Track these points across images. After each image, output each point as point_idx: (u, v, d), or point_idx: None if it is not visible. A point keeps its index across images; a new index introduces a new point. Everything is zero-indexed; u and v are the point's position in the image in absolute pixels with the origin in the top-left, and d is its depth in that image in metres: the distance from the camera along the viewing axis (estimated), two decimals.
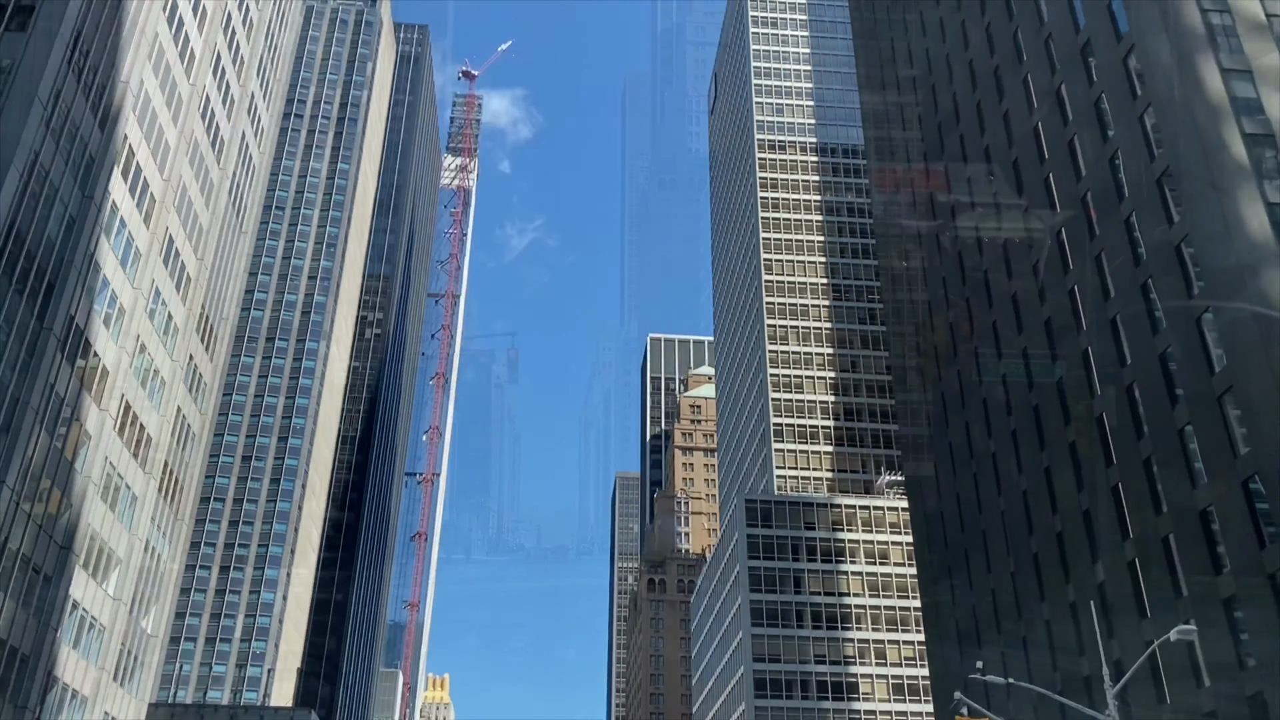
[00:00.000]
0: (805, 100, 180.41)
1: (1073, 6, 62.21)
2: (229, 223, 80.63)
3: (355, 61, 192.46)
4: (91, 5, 54.86)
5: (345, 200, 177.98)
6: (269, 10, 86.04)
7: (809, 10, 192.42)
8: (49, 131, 51.24)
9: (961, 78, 78.55)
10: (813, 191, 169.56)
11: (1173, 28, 52.84)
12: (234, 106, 78.96)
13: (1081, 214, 59.41)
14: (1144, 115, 54.04)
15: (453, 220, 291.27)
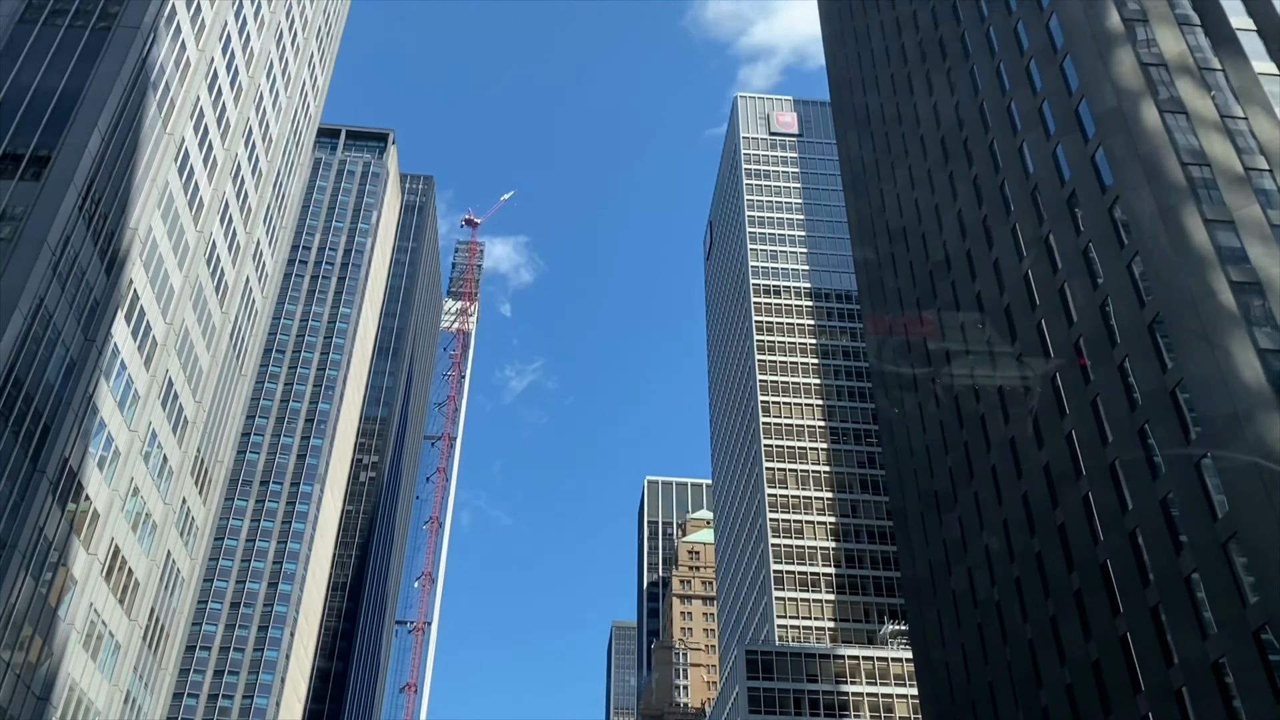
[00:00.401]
0: (799, 247, 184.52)
1: (1057, 159, 64.26)
2: (229, 366, 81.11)
3: (361, 210, 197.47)
4: (106, 155, 56.56)
5: (345, 344, 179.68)
6: (278, 161, 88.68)
7: (800, 163, 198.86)
8: (55, 276, 52.06)
9: (951, 227, 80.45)
10: (808, 335, 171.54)
11: (1155, 180, 54.49)
12: (239, 252, 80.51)
13: (1075, 360, 59.91)
14: (1132, 263, 55.13)
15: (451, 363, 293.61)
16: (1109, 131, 58.40)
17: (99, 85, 56.51)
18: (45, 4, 60.14)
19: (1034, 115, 67.79)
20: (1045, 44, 67.45)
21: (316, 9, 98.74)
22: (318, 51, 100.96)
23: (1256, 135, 55.94)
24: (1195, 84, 58.37)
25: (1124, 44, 60.38)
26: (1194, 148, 55.41)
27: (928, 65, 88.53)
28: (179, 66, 65.56)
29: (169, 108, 64.31)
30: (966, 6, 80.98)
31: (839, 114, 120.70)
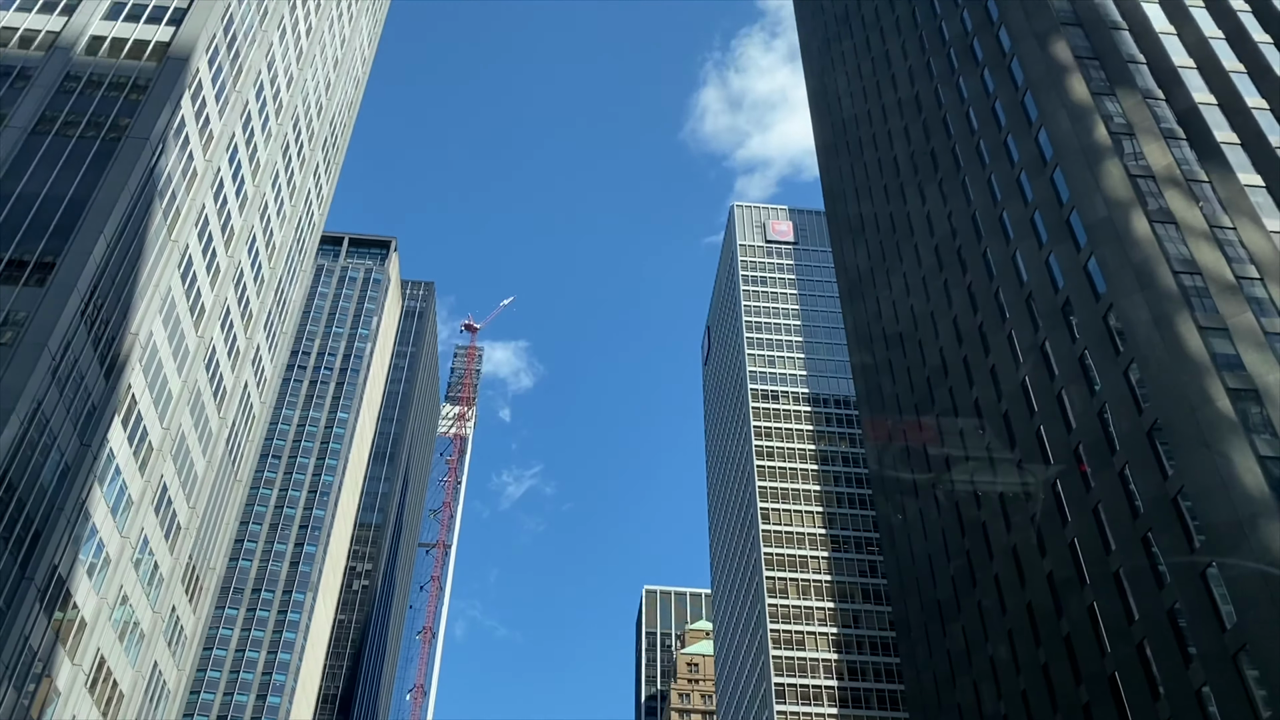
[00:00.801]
0: (796, 353, 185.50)
1: (1051, 268, 65.09)
2: (224, 471, 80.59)
3: (361, 315, 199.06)
4: (110, 261, 57.23)
5: (342, 449, 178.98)
6: (281, 268, 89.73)
7: (797, 270, 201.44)
8: (55, 380, 52.13)
9: (947, 334, 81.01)
10: (807, 441, 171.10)
11: (1148, 288, 55.12)
12: (239, 358, 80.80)
13: (1075, 466, 59.64)
14: (1128, 370, 55.36)
15: (448, 468, 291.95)
16: (1101, 241, 59.31)
17: (106, 193, 57.53)
18: (58, 116, 61.67)
19: (1026, 225, 68.92)
20: (1035, 156, 69.00)
21: (323, 121, 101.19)
22: (323, 162, 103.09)
23: (1246, 245, 56.83)
24: (1183, 195, 59.54)
25: (1112, 156, 61.80)
26: (1185, 257, 56.21)
27: (920, 176, 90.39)
28: (186, 176, 66.85)
29: (174, 215, 65.35)
30: (956, 120, 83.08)
31: (834, 223, 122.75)
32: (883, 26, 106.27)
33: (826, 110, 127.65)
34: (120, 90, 63.78)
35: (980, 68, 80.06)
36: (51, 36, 66.32)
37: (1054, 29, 70.87)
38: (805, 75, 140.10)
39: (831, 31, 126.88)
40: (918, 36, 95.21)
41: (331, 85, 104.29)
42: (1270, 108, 64.43)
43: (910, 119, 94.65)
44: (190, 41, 67.05)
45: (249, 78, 77.44)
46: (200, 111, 68.38)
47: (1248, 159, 61.65)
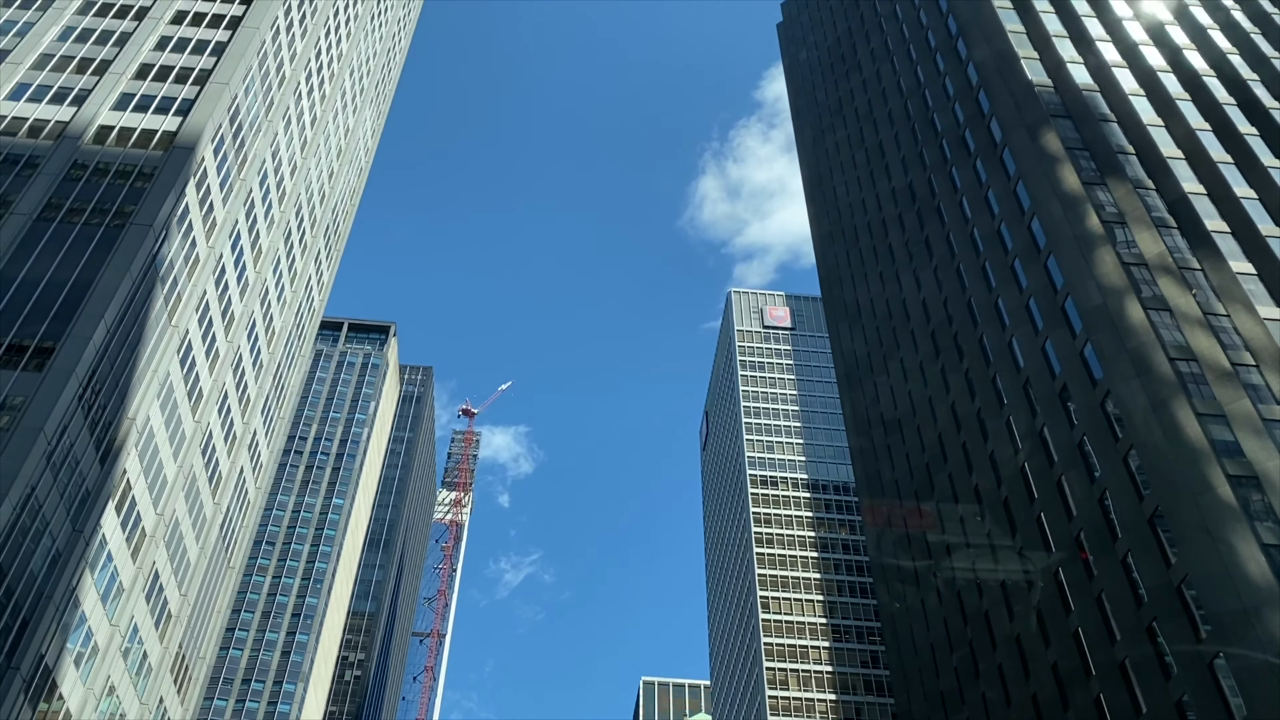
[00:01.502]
0: (795, 439, 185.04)
1: (1047, 354, 65.37)
2: (217, 558, 79.66)
3: (359, 400, 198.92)
4: (110, 346, 57.40)
5: (337, 536, 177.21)
6: (280, 353, 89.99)
7: (794, 356, 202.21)
8: (49, 465, 51.83)
9: (945, 419, 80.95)
10: (807, 528, 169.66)
11: (1144, 374, 55.28)
12: (235, 443, 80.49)
13: (1077, 554, 59.07)
14: (1127, 456, 55.19)
15: (443, 555, 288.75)
16: (1096, 328, 59.67)
17: (108, 279, 57.99)
18: (64, 202, 62.51)
19: (1021, 311, 69.43)
20: (1028, 244, 69.83)
21: (325, 208, 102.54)
22: (324, 248, 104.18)
23: (1240, 331, 57.18)
24: (1176, 282, 60.11)
25: (1104, 244, 62.56)
26: (1180, 343, 56.51)
27: (915, 263, 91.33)
28: (188, 262, 67.48)
29: (175, 301, 65.77)
30: (950, 208, 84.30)
31: (830, 309, 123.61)
32: (876, 118, 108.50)
33: (822, 198, 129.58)
34: (126, 178, 64.77)
35: (972, 158, 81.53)
36: (60, 126, 67.60)
37: (1044, 121, 72.37)
38: (800, 165, 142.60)
39: (825, 123, 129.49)
40: (910, 128, 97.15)
41: (334, 173, 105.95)
42: (1259, 197, 65.47)
43: (904, 207, 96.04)
44: (196, 131, 68.31)
45: (253, 166, 78.69)
46: (204, 199, 69.33)
47: (1238, 247, 62.44)
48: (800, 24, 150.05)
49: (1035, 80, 76.37)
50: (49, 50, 73.94)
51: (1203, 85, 74.69)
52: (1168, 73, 77.06)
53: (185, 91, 72.17)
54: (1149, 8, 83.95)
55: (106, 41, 75.65)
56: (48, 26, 75.67)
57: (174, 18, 79.14)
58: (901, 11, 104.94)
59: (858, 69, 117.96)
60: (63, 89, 70.73)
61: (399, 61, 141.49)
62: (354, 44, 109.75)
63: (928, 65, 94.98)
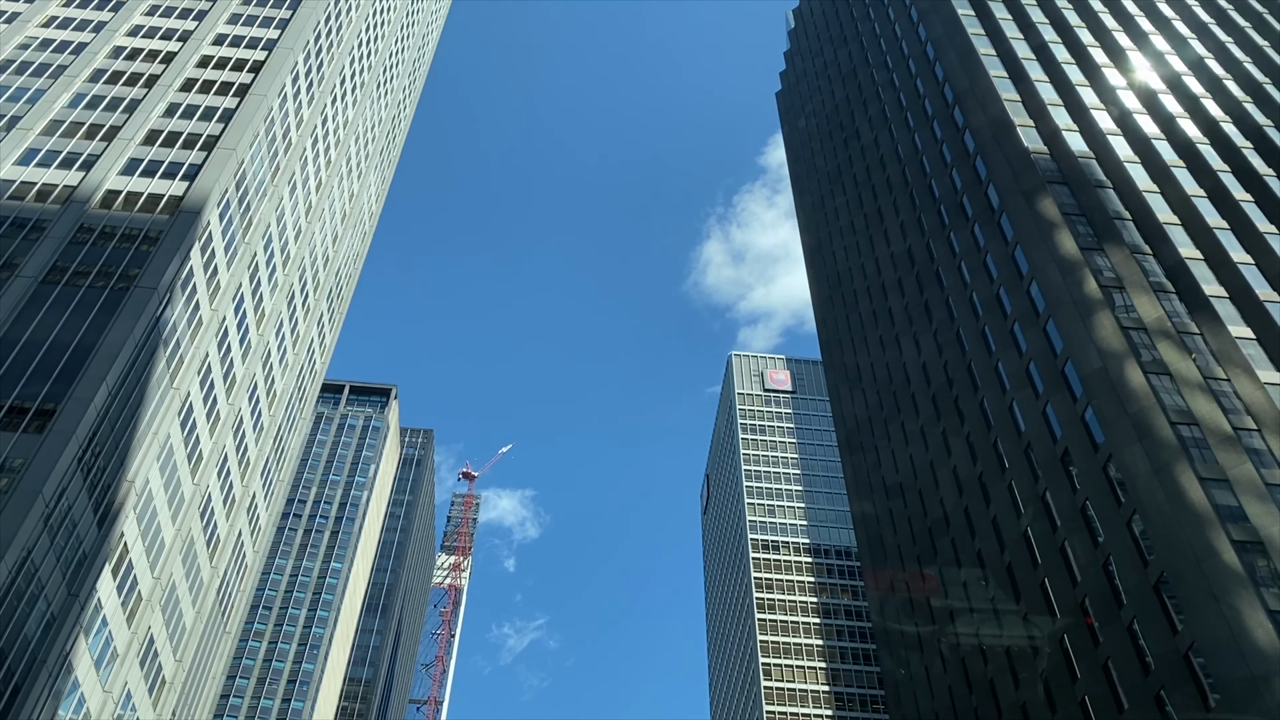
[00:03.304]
0: (796, 503, 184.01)
1: (1048, 418, 65.30)
2: (213, 623, 78.80)
3: (359, 464, 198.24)
4: (110, 409, 57.42)
5: (334, 600, 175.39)
6: (281, 416, 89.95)
7: (795, 419, 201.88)
8: (46, 529, 51.53)
9: (947, 484, 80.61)
10: (808, 594, 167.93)
11: (1146, 439, 55.16)
12: (234, 506, 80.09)
13: (1082, 620, 58.41)
14: (1131, 521, 54.86)
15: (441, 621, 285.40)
16: (1096, 392, 59.71)
17: (111, 341, 58.21)
18: (69, 265, 62.99)
19: (1022, 375, 69.52)
20: (1027, 309, 70.16)
21: (329, 272, 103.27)
22: (327, 311, 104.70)
23: (1241, 396, 57.18)
24: (1176, 347, 60.28)
25: (1103, 309, 62.86)
26: (1181, 407, 56.48)
27: (915, 328, 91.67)
28: (191, 325, 67.79)
29: (177, 363, 65.94)
30: (949, 273, 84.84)
31: (831, 373, 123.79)
32: (874, 184, 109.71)
33: (822, 263, 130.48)
34: (132, 241, 65.36)
35: (970, 223, 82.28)
36: (68, 190, 68.41)
37: (1041, 187, 73.18)
38: (800, 230, 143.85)
39: (825, 189, 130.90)
40: (908, 193, 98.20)
41: (339, 237, 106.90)
42: (1255, 262, 65.93)
43: (904, 272, 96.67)
44: (203, 195, 69.10)
45: (258, 230, 79.44)
46: (209, 262, 69.88)
47: (1237, 312, 62.72)
48: (798, 93, 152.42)
49: (1031, 147, 77.39)
50: (59, 116, 75.13)
51: (1197, 152, 75.66)
52: (1161, 140, 78.12)
53: (192, 157, 73.14)
54: (1142, 77, 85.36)
55: (116, 108, 76.90)
56: (59, 93, 76.98)
57: (183, 85, 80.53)
58: (898, 80, 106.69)
59: (855, 136, 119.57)
60: (72, 154, 71.71)
61: (404, 128, 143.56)
62: (360, 111, 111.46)
63: (925, 132, 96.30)
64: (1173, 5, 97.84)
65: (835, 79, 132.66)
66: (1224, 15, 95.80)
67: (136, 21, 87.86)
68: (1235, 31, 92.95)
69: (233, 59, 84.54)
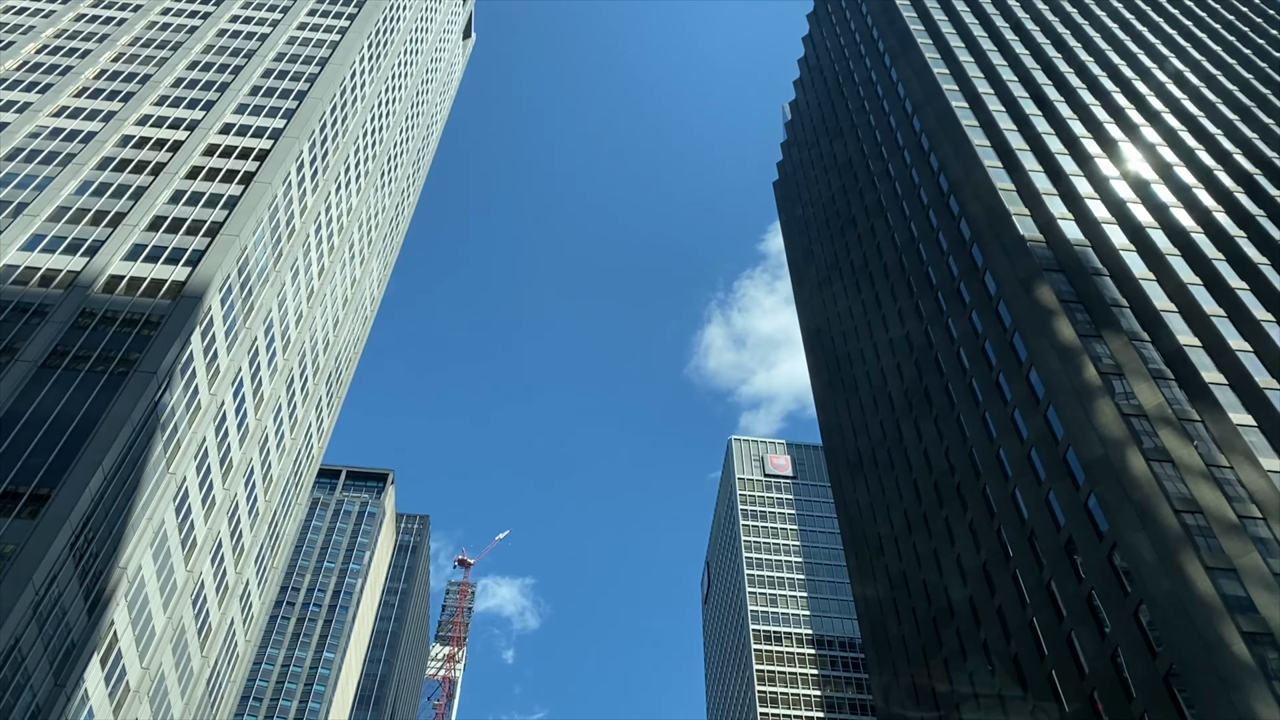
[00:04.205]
0: (798, 591, 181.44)
1: (1051, 506, 64.71)
2: (203, 715, 76.92)
3: (354, 550, 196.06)
4: (105, 494, 56.91)
5: (326, 691, 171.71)
6: (277, 501, 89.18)
7: (796, 505, 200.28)
8: (35, 616, 50.62)
9: (951, 572, 79.54)
10: (812, 686, 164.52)
11: (1150, 527, 54.56)
12: (227, 593, 78.88)
13: (1091, 711, 57.02)
14: (1138, 612, 53.94)
15: (435, 713, 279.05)
16: (1099, 479, 59.27)
17: (109, 427, 57.98)
18: (70, 350, 63.08)
19: (1023, 462, 69.11)
20: (1027, 395, 70.08)
21: (329, 356, 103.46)
22: (326, 395, 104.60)
23: (1245, 484, 56.76)
24: (1177, 434, 60.04)
25: (1103, 395, 62.77)
26: (1185, 495, 56.01)
27: (915, 413, 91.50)
28: (189, 409, 67.61)
29: (174, 448, 65.58)
30: (948, 359, 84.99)
31: (832, 458, 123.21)
32: (871, 271, 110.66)
33: (821, 349, 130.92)
34: (133, 326, 65.59)
35: (968, 310, 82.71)
36: (72, 275, 68.88)
37: (1037, 274, 73.74)
38: (799, 316, 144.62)
39: (822, 275, 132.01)
40: (906, 280, 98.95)
41: (339, 322, 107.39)
42: (1254, 350, 66.08)
43: (902, 357, 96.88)
44: (205, 280, 69.56)
45: (259, 315, 79.80)
46: (209, 347, 70.02)
47: (1237, 399, 62.63)
48: (795, 182, 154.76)
49: (1027, 235, 78.20)
50: (66, 203, 76.07)
51: (1191, 241, 76.46)
52: (1156, 229, 79.01)
53: (196, 243, 73.85)
54: (1134, 167, 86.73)
55: (123, 195, 77.93)
56: (67, 180, 78.08)
57: (189, 173, 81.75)
58: (894, 170, 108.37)
59: (852, 224, 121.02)
60: (77, 239, 72.42)
61: (408, 214, 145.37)
62: (364, 198, 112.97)
63: (921, 221, 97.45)
64: (1162, 99, 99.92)
65: (831, 169, 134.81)
66: (1213, 108, 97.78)
67: (145, 111, 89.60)
68: (1224, 124, 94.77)
69: (239, 147, 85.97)
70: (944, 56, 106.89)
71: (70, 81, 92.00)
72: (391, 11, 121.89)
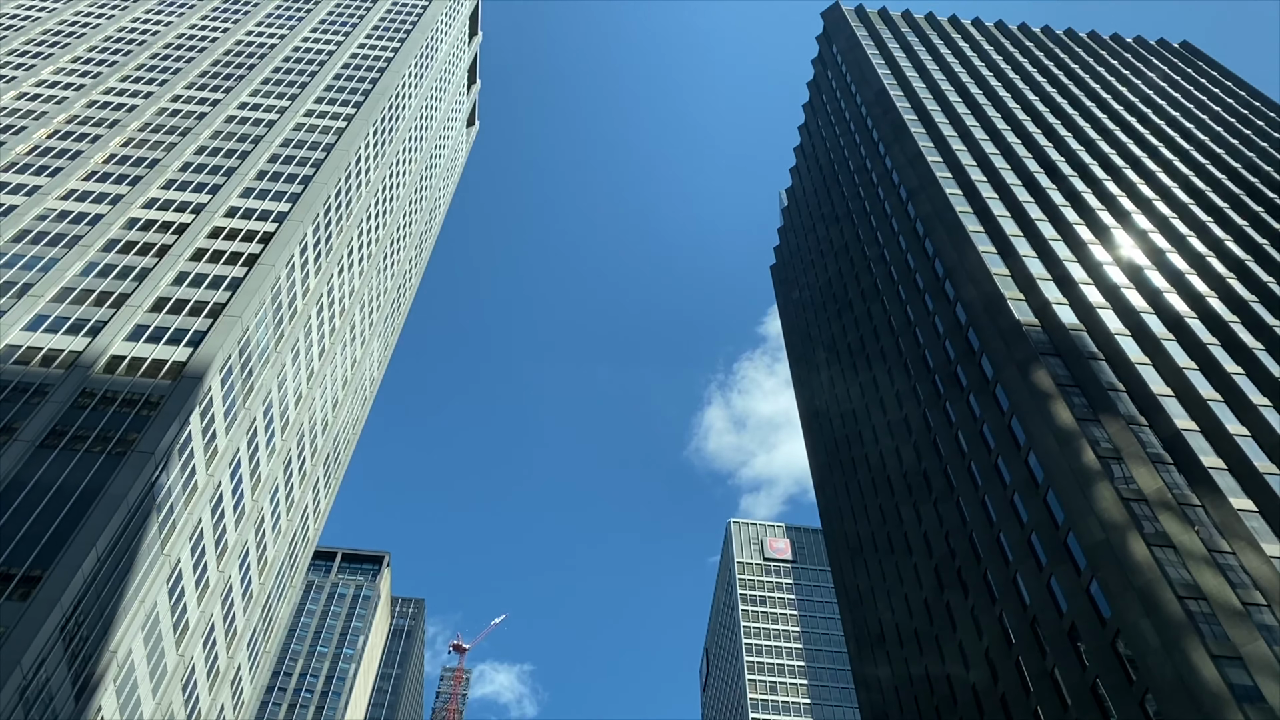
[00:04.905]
0: (799, 679, 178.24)
1: (1053, 591, 64.08)
2: None
3: (348, 634, 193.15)
4: (98, 576, 56.35)
5: None
6: (271, 584, 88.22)
7: (796, 589, 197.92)
8: (21, 702, 49.74)
9: (954, 659, 78.36)
10: None
11: (1154, 613, 53.97)
12: (218, 678, 77.56)
13: None
14: (1144, 700, 53.06)
15: None
16: (1101, 564, 58.82)
17: (104, 507, 57.68)
18: (68, 430, 63.04)
19: (1024, 546, 68.62)
20: (1026, 479, 69.91)
21: (328, 437, 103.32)
22: (323, 477, 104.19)
23: (1248, 569, 56.32)
24: (1178, 519, 59.76)
25: (1103, 480, 62.62)
26: (1188, 581, 55.53)
27: (915, 496, 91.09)
28: (186, 489, 67.34)
29: (169, 529, 65.14)
30: (946, 442, 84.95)
31: (831, 542, 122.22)
32: (868, 354, 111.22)
33: (819, 431, 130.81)
34: (132, 406, 65.67)
35: (965, 393, 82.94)
36: (73, 355, 69.19)
37: (1034, 358, 74.14)
38: (797, 398, 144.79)
39: (820, 358, 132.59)
40: (903, 363, 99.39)
41: (339, 403, 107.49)
42: (1252, 435, 66.14)
43: (901, 440, 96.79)
44: (206, 361, 69.87)
45: (259, 395, 79.95)
46: (208, 428, 70.01)
47: (1237, 484, 62.48)
48: (792, 266, 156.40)
49: (1023, 319, 78.83)
50: (70, 284, 76.78)
51: (1186, 326, 77.04)
52: (1150, 314, 79.69)
53: (198, 324, 74.35)
54: (1127, 253, 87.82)
55: (127, 276, 78.71)
56: (72, 262, 78.92)
57: (193, 255, 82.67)
58: (889, 255, 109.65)
59: (849, 308, 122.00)
60: (80, 320, 72.92)
61: (410, 296, 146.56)
62: (366, 280, 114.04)
63: (917, 305, 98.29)
64: (1152, 186, 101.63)
65: (828, 253, 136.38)
66: (1202, 196, 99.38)
67: (153, 195, 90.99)
68: (1214, 211, 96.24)
69: (244, 230, 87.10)
70: (937, 145, 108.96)
71: (80, 166, 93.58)
72: (397, 100, 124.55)
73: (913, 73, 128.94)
